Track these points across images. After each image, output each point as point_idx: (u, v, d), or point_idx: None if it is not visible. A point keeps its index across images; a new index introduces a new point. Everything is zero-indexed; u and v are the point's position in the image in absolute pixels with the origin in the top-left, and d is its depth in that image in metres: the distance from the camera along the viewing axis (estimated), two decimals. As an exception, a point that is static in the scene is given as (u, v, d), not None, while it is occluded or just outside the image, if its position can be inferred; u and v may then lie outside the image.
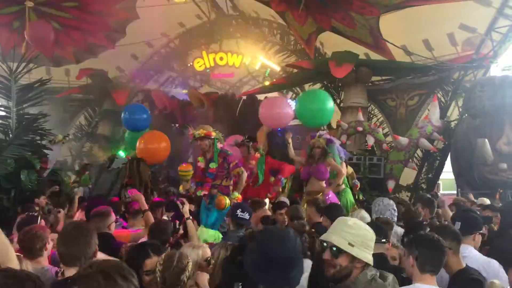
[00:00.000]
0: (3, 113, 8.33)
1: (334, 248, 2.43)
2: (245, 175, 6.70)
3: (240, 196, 6.57)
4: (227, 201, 6.28)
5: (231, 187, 6.64)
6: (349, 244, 2.40)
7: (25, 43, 11.15)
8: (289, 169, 8.34)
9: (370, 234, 2.50)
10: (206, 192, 6.44)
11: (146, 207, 4.77)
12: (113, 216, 4.21)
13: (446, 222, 5.01)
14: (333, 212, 4.55)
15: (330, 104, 10.73)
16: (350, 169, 8.89)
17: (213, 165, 6.51)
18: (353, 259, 2.40)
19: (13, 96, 8.14)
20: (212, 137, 6.54)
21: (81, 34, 13.54)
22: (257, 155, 7.55)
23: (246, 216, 4.40)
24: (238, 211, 4.46)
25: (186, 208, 4.56)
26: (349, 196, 7.77)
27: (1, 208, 6.65)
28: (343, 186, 7.74)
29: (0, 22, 12.32)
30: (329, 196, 7.05)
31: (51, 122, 9.69)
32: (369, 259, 2.43)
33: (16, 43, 10.90)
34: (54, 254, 3.51)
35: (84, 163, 12.67)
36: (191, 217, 4.60)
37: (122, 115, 12.04)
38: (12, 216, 6.01)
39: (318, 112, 10.51)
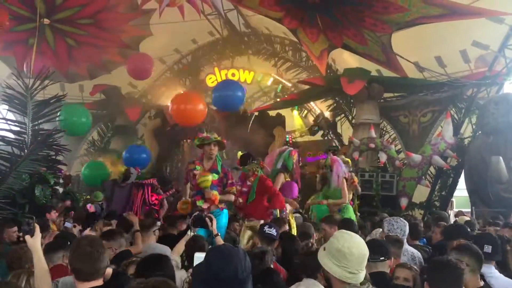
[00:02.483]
0: (18, 129, 8.40)
1: None
2: (232, 197, 6.16)
3: (203, 205, 5.87)
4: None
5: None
6: (324, 248, 2.55)
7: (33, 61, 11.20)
8: (279, 202, 7.03)
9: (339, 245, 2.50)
10: (207, 206, 5.84)
11: (138, 227, 5.46)
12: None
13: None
14: (347, 227, 4.53)
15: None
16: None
17: (214, 177, 6.00)
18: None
19: (29, 112, 8.20)
20: (226, 145, 6.28)
21: (96, 50, 13.71)
22: (256, 173, 7.15)
23: (274, 231, 4.44)
24: (265, 227, 4.50)
25: (215, 225, 4.61)
26: (350, 213, 7.60)
27: (16, 223, 6.67)
28: (344, 204, 7.65)
29: (16, 39, 12.52)
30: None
31: (65, 137, 9.79)
32: (333, 270, 2.45)
33: (32, 60, 11.04)
34: None
35: (66, 173, 12.25)
36: (219, 234, 4.64)
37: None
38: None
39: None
